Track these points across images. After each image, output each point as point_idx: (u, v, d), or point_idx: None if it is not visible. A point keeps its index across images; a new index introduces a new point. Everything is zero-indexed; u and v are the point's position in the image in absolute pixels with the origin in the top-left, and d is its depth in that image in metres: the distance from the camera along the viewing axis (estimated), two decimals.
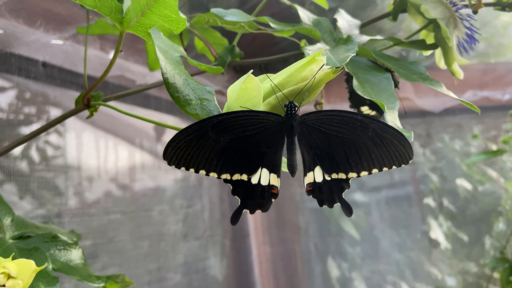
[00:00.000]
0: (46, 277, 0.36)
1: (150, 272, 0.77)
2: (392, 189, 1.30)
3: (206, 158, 0.31)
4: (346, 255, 1.29)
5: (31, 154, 0.72)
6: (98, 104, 0.42)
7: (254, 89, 0.32)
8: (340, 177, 0.32)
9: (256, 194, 0.32)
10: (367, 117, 0.32)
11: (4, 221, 0.42)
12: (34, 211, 0.68)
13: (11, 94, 0.67)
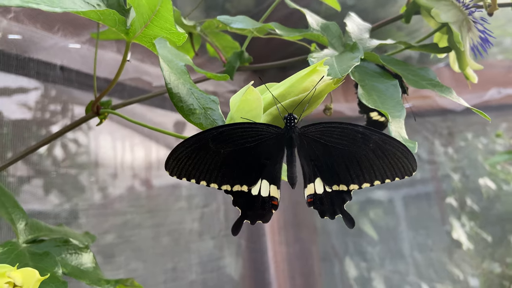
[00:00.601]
0: (55, 281, 0.37)
1: (166, 271, 0.79)
2: (412, 188, 1.27)
3: (206, 169, 0.32)
4: (365, 255, 1.28)
5: (56, 152, 0.74)
6: (106, 112, 0.42)
7: (254, 100, 0.32)
8: (341, 189, 0.32)
9: (256, 205, 0.32)
10: (369, 128, 0.31)
11: (18, 225, 0.43)
12: (56, 207, 0.70)
13: (31, 97, 0.69)
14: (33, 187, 0.70)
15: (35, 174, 0.70)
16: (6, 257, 0.38)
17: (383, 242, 1.30)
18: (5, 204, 0.44)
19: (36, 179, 0.71)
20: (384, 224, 1.30)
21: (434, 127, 1.22)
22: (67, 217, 0.72)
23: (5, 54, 0.63)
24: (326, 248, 1.13)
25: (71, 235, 0.51)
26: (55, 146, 0.75)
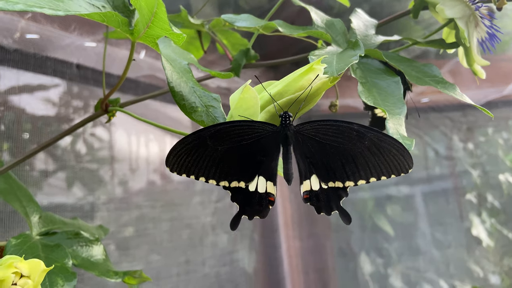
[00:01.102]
0: (64, 272, 0.39)
1: (179, 264, 0.80)
2: (430, 184, 1.26)
3: (205, 166, 0.32)
4: (382, 251, 1.28)
5: (78, 146, 0.77)
6: (115, 110, 0.44)
7: (251, 99, 0.33)
8: (337, 186, 0.33)
9: (254, 201, 0.33)
10: (364, 126, 0.32)
11: (32, 218, 0.45)
12: (79, 200, 0.73)
13: (50, 94, 0.71)
14: (56, 180, 0.73)
15: (58, 168, 0.73)
16: (19, 249, 0.40)
17: (400, 238, 1.29)
18: (20, 198, 0.46)
19: (59, 173, 0.74)
20: (402, 220, 1.29)
21: (452, 122, 1.20)
22: (90, 210, 0.74)
23: (23, 53, 0.65)
24: (341, 243, 1.13)
25: (84, 228, 0.53)
26: (77, 141, 0.78)
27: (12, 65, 0.64)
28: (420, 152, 1.22)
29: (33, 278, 0.30)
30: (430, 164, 1.22)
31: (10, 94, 0.65)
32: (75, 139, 0.77)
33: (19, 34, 0.65)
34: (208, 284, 0.85)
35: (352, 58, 0.36)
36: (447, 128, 1.20)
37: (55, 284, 0.38)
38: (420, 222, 1.27)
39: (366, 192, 1.22)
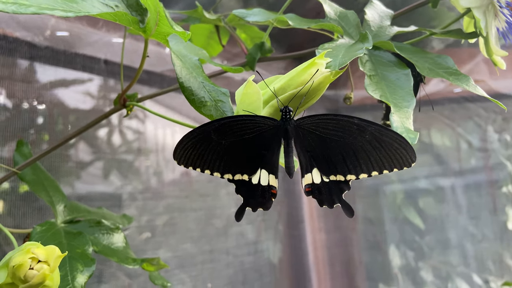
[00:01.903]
0: (84, 258, 0.41)
1: (203, 253, 0.83)
2: (463, 176, 1.22)
3: (210, 159, 0.34)
4: (412, 244, 1.26)
5: (114, 138, 0.81)
6: (132, 105, 0.46)
7: (253, 94, 0.33)
8: (339, 179, 0.33)
9: (257, 194, 0.34)
10: (364, 120, 0.32)
11: (57, 207, 0.48)
12: (114, 190, 0.77)
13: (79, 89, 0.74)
14: (95, 170, 0.77)
15: (96, 159, 0.77)
16: (43, 235, 0.43)
17: (432, 232, 1.26)
18: (47, 188, 0.49)
19: (97, 163, 0.78)
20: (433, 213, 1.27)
21: (487, 113, 1.16)
22: (127, 199, 0.78)
23: (53, 50, 0.68)
24: (368, 236, 1.12)
25: (108, 216, 0.55)
26: (114, 132, 0.82)
27: (43, 61, 0.67)
28: (453, 144, 1.18)
29: (49, 263, 0.32)
30: (463, 156, 1.19)
31: (44, 89, 0.69)
32: (111, 130, 0.81)
33: (49, 32, 0.68)
34: (232, 273, 0.87)
35: (358, 51, 0.36)
36: (481, 119, 1.16)
37: (75, 269, 0.40)
38: (452, 215, 1.24)
39: (395, 185, 1.21)
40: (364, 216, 1.13)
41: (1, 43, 0.63)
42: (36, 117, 0.68)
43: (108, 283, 0.73)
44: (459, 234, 1.24)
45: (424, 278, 1.25)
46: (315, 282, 1.03)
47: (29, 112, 0.67)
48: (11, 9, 0.28)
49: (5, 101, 0.64)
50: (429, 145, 1.20)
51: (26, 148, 0.51)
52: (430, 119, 1.18)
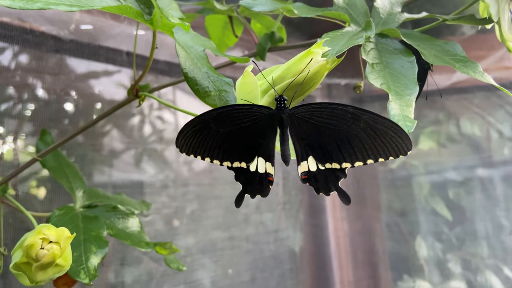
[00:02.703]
0: (98, 241, 0.44)
1: (223, 240, 0.85)
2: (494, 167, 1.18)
3: (209, 147, 0.35)
4: (440, 236, 1.23)
5: (145, 128, 0.84)
6: (143, 95, 0.47)
7: (250, 83, 0.34)
8: (334, 167, 0.33)
9: (255, 181, 0.35)
10: (359, 108, 0.32)
11: (76, 193, 0.51)
12: (147, 178, 0.80)
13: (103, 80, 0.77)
14: (128, 158, 0.80)
15: (128, 148, 0.80)
16: (62, 218, 0.45)
17: (461, 223, 1.23)
18: (68, 175, 0.52)
19: (130, 152, 0.81)
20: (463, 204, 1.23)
21: None
22: (160, 186, 0.81)
23: (78, 42, 0.71)
24: (391, 226, 1.11)
25: (126, 202, 0.58)
26: (145, 122, 0.85)
27: (68, 54, 0.70)
28: (483, 133, 1.14)
29: (60, 243, 0.34)
30: (494, 146, 1.15)
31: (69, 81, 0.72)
32: (141, 120, 0.84)
33: (74, 26, 0.71)
34: (251, 260, 0.88)
35: (358, 39, 0.36)
36: None
37: (89, 250, 0.42)
38: (482, 206, 1.20)
39: (422, 175, 1.18)
40: (388, 206, 1.11)
41: (28, 37, 0.66)
42: (63, 108, 0.72)
43: (133, 266, 0.76)
44: (489, 225, 1.20)
45: (452, 270, 1.22)
46: (336, 270, 1.03)
47: (55, 103, 0.70)
48: (18, 5, 0.30)
49: (33, 92, 0.68)
50: (458, 134, 1.17)
51: (49, 137, 0.54)
52: (460, 108, 1.14)
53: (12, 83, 0.66)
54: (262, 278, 0.89)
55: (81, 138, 0.76)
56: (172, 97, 0.90)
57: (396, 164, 1.14)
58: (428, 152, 1.16)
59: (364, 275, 1.05)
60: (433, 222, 1.20)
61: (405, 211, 1.13)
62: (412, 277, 1.09)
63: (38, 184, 0.66)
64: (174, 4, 0.47)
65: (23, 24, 0.65)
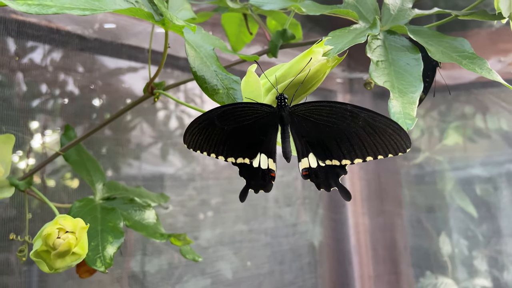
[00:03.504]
0: (115, 231, 0.46)
1: (242, 233, 0.86)
2: None
3: (215, 144, 0.36)
4: (466, 232, 1.21)
5: (171, 122, 0.87)
6: (158, 93, 0.49)
7: (253, 82, 0.35)
8: (334, 164, 0.34)
9: (258, 176, 0.36)
10: (357, 106, 0.32)
11: (96, 185, 0.53)
12: (174, 171, 0.83)
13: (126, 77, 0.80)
14: (156, 150, 0.84)
15: (154, 142, 0.83)
16: (81, 210, 0.48)
17: (488, 220, 1.20)
18: (88, 168, 0.55)
19: (158, 146, 0.84)
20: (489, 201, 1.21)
21: None
22: (186, 179, 0.84)
23: (101, 41, 0.74)
24: (414, 222, 1.10)
25: (145, 194, 0.60)
26: (171, 117, 0.88)
27: (92, 52, 0.73)
28: (510, 128, 1.11)
29: (75, 233, 0.37)
30: None
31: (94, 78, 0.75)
32: (167, 115, 0.87)
33: (98, 25, 0.74)
34: (269, 252, 0.90)
35: (360, 38, 0.37)
36: None
37: (106, 240, 0.45)
38: (509, 203, 1.17)
39: (446, 171, 1.16)
40: (410, 202, 1.10)
41: (54, 36, 0.69)
42: (89, 104, 0.75)
43: (155, 256, 0.79)
44: None
45: (478, 267, 1.20)
46: (356, 265, 1.03)
47: (82, 99, 0.73)
48: (34, 10, 0.32)
49: (60, 89, 0.71)
50: (485, 129, 1.14)
51: (72, 132, 0.57)
52: (485, 103, 1.11)
53: (40, 81, 0.70)
54: (280, 271, 0.91)
55: (109, 133, 0.79)
56: (200, 92, 0.93)
57: (419, 159, 1.13)
58: (454, 147, 1.14)
59: (384, 271, 1.04)
60: (459, 219, 1.18)
61: (429, 207, 1.12)
62: (434, 273, 1.08)
63: (66, 177, 0.70)
64: (186, 5, 0.48)
65: (49, 24, 0.69)
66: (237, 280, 0.86)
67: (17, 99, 0.67)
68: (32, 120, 0.69)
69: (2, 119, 0.65)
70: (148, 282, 0.77)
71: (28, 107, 0.68)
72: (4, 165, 0.48)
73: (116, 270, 0.73)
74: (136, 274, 0.76)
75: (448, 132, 1.14)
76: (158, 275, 0.79)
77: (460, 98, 1.11)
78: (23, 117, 0.67)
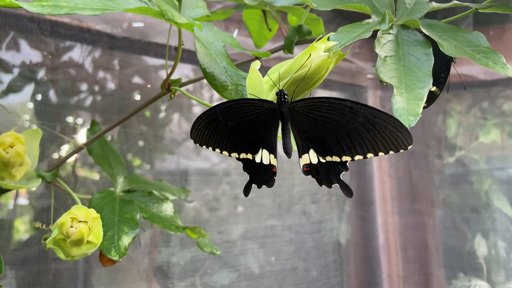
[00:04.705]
0: (131, 222, 0.48)
1: (266, 228, 0.87)
2: None
3: (219, 139, 0.37)
4: (504, 234, 1.16)
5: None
6: (174, 89, 0.50)
7: (255, 78, 0.36)
8: (335, 160, 0.34)
9: (260, 172, 0.37)
10: (357, 103, 0.32)
11: (118, 178, 0.56)
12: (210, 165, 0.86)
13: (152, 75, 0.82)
14: (190, 146, 0.86)
15: (188, 137, 0.86)
16: (101, 201, 0.50)
17: None
18: (110, 162, 0.57)
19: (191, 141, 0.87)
20: None
21: None
22: (223, 174, 0.86)
23: (130, 39, 0.76)
24: (447, 223, 1.06)
25: (166, 188, 0.62)
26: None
27: (121, 50, 0.76)
28: None
29: (87, 222, 0.39)
30: None
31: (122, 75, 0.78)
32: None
33: (127, 24, 0.76)
34: (293, 249, 0.90)
35: (365, 33, 0.36)
36: None
37: (121, 231, 0.47)
38: None
39: (483, 170, 1.11)
40: (444, 201, 1.07)
41: (85, 35, 0.72)
42: (117, 101, 0.78)
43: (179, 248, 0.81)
44: None
45: None
46: (384, 264, 1.01)
47: (110, 96, 0.76)
48: (47, 11, 0.34)
49: (89, 86, 0.75)
50: None
51: (97, 127, 0.60)
52: None
53: (71, 78, 0.73)
54: (305, 267, 0.90)
55: (145, 128, 0.82)
56: None
57: (455, 157, 1.09)
58: (491, 145, 1.09)
59: (414, 271, 1.02)
60: (496, 220, 1.13)
61: (463, 207, 1.07)
62: (468, 276, 1.04)
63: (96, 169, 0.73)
64: (201, 2, 0.49)
65: (81, 24, 0.72)
66: (260, 275, 0.87)
67: (50, 96, 0.71)
68: (64, 115, 0.73)
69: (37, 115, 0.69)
70: (176, 273, 0.79)
71: (61, 103, 0.72)
72: (32, 157, 0.51)
73: (143, 261, 0.76)
74: (163, 266, 0.78)
75: (486, 130, 1.10)
76: (187, 267, 0.81)
77: (497, 95, 1.07)
78: (55, 112, 0.71)
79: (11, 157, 0.45)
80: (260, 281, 0.86)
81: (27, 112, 0.71)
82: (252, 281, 0.85)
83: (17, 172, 0.48)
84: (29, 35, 0.67)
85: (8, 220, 0.67)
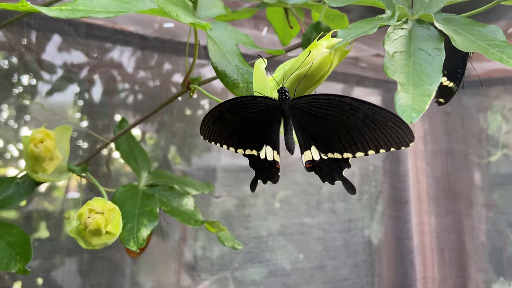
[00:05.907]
0: (150, 215, 0.50)
1: (293, 225, 0.87)
2: None
3: (226, 135, 0.38)
4: None
5: None
6: (192, 87, 0.52)
7: (260, 76, 0.36)
8: (336, 157, 0.34)
9: (265, 168, 0.37)
10: (357, 100, 0.32)
11: (142, 173, 0.58)
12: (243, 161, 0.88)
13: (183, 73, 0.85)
14: None
15: None
16: (124, 194, 0.52)
17: None
18: (136, 157, 0.59)
19: None
20: None
21: None
22: None
23: (161, 40, 0.79)
24: (488, 224, 1.01)
25: (190, 183, 0.64)
26: None
27: (152, 50, 0.79)
28: None
29: (103, 213, 0.41)
30: None
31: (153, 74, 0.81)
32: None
33: (158, 25, 0.79)
34: (322, 247, 0.89)
35: (371, 29, 0.36)
36: None
37: (141, 223, 0.49)
38: None
39: None
40: (484, 203, 1.02)
41: (118, 36, 0.76)
42: (148, 99, 0.81)
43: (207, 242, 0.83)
44: None
45: None
46: (418, 266, 0.98)
47: (143, 94, 0.80)
48: (65, 15, 0.37)
49: (123, 86, 0.78)
50: None
51: (125, 124, 0.62)
52: None
53: (106, 77, 0.77)
54: (333, 266, 0.90)
55: (182, 126, 0.85)
56: None
57: (496, 156, 1.03)
58: None
59: (451, 274, 0.98)
60: None
61: (505, 209, 1.02)
62: (508, 280, 0.99)
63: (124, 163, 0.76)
64: (217, 2, 0.50)
65: (114, 26, 0.75)
66: (289, 272, 0.87)
67: (87, 94, 0.75)
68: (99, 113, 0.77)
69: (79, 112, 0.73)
70: (208, 268, 0.82)
71: (99, 102, 0.76)
72: (63, 152, 0.54)
73: (172, 253, 0.78)
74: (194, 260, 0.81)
75: None
76: (219, 261, 0.83)
77: None
78: (90, 110, 0.75)
79: (41, 151, 0.49)
80: (288, 278, 0.86)
81: (67, 110, 0.75)
82: (280, 277, 0.86)
83: (48, 166, 0.51)
84: (67, 37, 0.71)
85: (61, 212, 0.72)
